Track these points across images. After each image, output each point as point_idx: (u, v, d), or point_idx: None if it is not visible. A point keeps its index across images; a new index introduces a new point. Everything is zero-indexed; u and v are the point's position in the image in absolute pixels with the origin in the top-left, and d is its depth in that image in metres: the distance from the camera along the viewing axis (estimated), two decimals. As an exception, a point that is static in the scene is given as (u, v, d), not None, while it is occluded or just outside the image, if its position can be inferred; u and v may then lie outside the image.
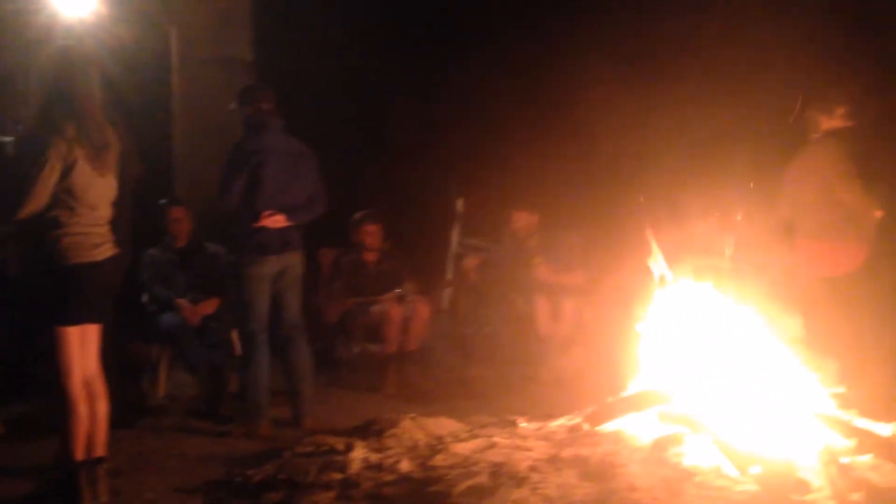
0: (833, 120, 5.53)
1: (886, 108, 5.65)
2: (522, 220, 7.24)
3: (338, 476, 3.88)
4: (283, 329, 5.38)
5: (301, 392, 5.36)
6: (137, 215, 4.26)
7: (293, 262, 5.36)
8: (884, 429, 4.12)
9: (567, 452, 3.90)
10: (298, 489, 3.81)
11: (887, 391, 5.01)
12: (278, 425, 5.25)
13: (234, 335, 5.89)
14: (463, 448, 4.09)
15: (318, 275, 6.98)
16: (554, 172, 7.39)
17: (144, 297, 6.21)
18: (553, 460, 3.84)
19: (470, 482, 3.62)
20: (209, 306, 6.08)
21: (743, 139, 6.71)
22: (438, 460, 3.96)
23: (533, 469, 3.73)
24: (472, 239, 7.79)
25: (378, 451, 4.21)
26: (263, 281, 5.25)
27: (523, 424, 4.64)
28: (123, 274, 4.10)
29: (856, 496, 3.43)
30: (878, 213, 5.44)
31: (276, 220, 5.19)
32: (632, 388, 4.52)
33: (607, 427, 4.21)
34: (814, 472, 3.59)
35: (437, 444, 4.25)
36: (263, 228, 5.18)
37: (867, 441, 3.79)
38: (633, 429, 4.17)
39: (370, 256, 6.99)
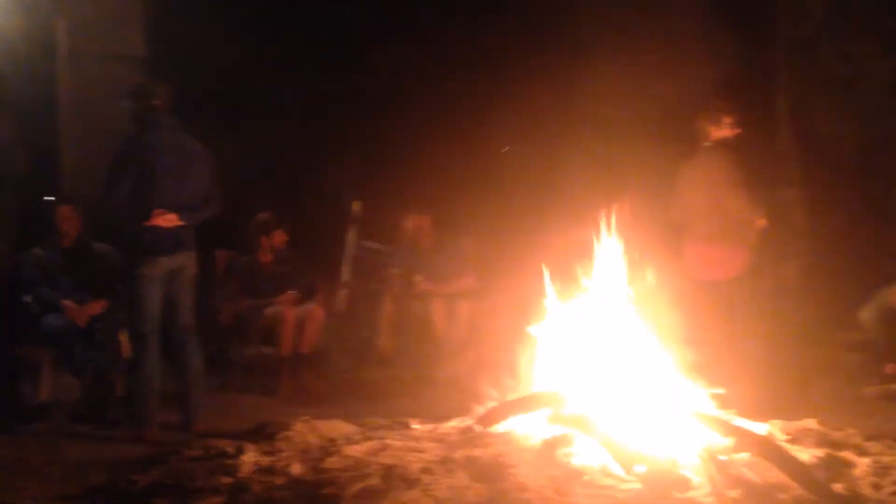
0: (721, 129, 5.76)
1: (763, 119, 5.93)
2: (414, 223, 7.27)
3: (227, 480, 3.82)
4: (175, 331, 5.28)
5: (191, 395, 5.26)
6: (22, 213, 4.12)
7: (186, 262, 5.27)
8: (760, 427, 4.31)
9: (459, 454, 3.94)
10: (186, 494, 3.73)
11: (764, 391, 5.24)
12: (167, 429, 5.14)
13: (124, 337, 5.74)
14: (356, 450, 4.08)
15: (211, 276, 6.86)
16: (450, 176, 7.44)
17: (27, 298, 5.98)
18: (445, 462, 3.87)
19: (362, 484, 3.62)
20: (96, 307, 5.90)
21: (635, 145, 6.90)
22: (330, 463, 3.95)
23: (425, 471, 3.75)
24: (369, 241, 7.78)
25: (270, 454, 4.17)
26: (154, 282, 5.14)
27: (416, 426, 4.67)
28: (4, 273, 3.96)
29: (733, 493, 3.55)
30: (762, 222, 5.67)
31: (169, 220, 5.09)
32: (523, 389, 4.59)
33: (499, 428, 4.27)
34: (694, 470, 3.72)
35: (330, 447, 4.24)
36: (155, 228, 5.07)
37: (744, 439, 3.94)
38: (524, 430, 4.25)
39: (265, 258, 6.92)
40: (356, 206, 7.81)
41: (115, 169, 5.10)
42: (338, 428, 4.62)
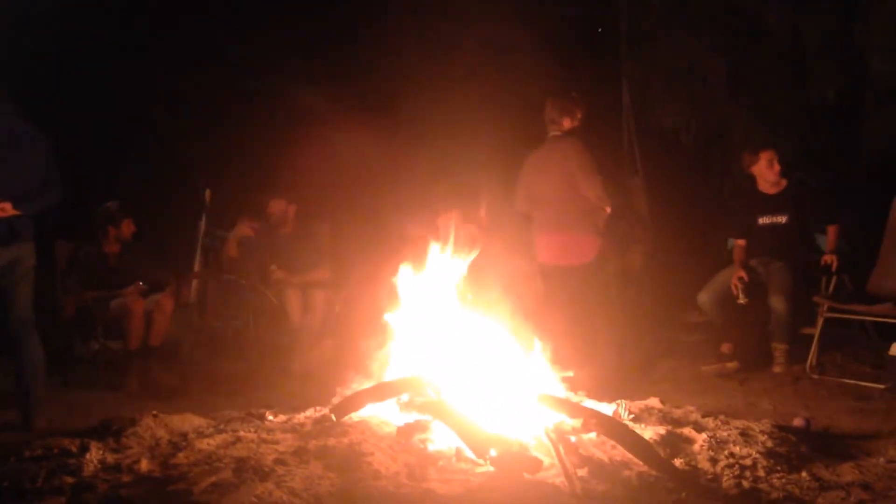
0: (574, 122, 5.92)
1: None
2: (280, 208, 7.17)
3: (70, 480, 3.67)
4: (12, 326, 5.02)
5: (31, 392, 5.02)
6: None
7: (23, 254, 5.01)
8: (606, 408, 4.48)
9: (313, 444, 3.91)
10: (25, 495, 3.56)
11: (611, 373, 5.45)
12: (6, 429, 4.90)
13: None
14: (207, 444, 4.00)
15: (53, 268, 6.56)
16: (305, 164, 7.37)
17: None
18: (299, 452, 3.84)
19: (213, 479, 3.54)
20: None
21: (487, 138, 7.04)
22: (181, 458, 3.85)
23: (279, 462, 3.71)
24: (220, 230, 7.62)
25: (116, 451, 4.04)
26: (-12, 275, 4.88)
27: (270, 418, 4.61)
28: None
29: (582, 472, 3.68)
30: (608, 210, 5.88)
31: (2, 209, 4.84)
32: (378, 378, 4.61)
33: (354, 417, 4.27)
34: (544, 451, 3.83)
35: (181, 442, 4.14)
36: (-13, 218, 4.81)
37: (591, 420, 4.08)
38: (380, 418, 4.26)
39: (112, 249, 6.67)
40: (207, 195, 7.63)
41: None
42: (189, 422, 4.51)
